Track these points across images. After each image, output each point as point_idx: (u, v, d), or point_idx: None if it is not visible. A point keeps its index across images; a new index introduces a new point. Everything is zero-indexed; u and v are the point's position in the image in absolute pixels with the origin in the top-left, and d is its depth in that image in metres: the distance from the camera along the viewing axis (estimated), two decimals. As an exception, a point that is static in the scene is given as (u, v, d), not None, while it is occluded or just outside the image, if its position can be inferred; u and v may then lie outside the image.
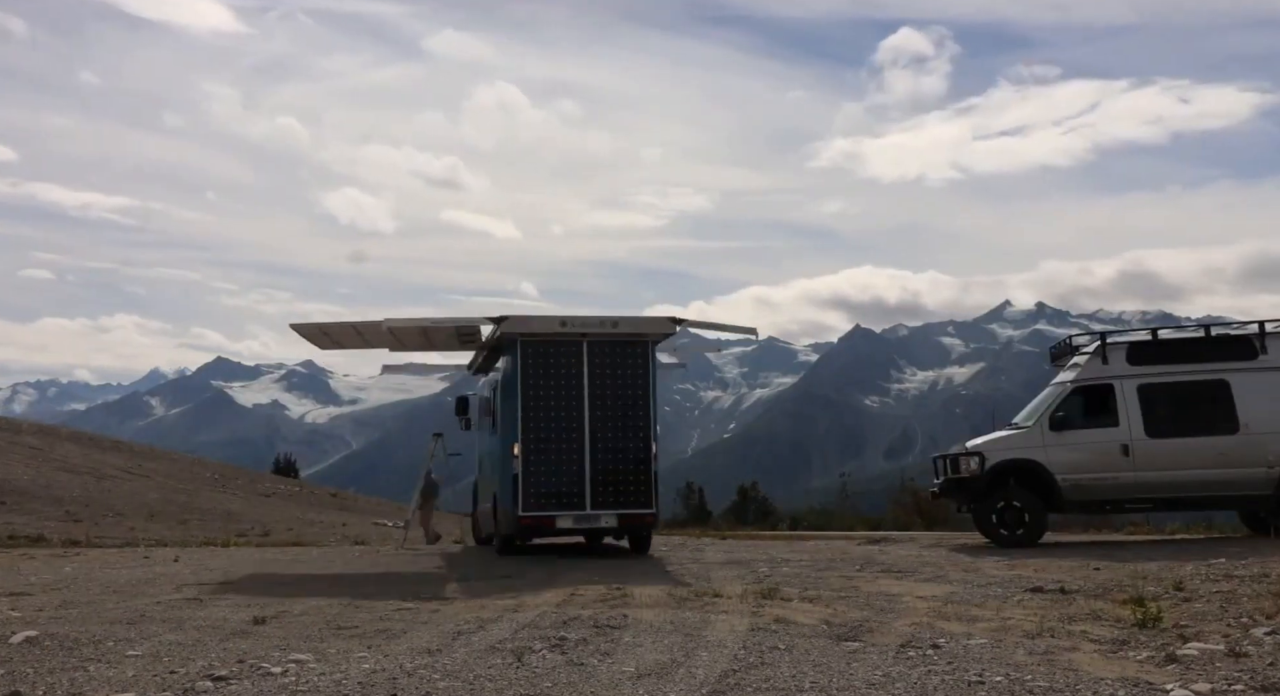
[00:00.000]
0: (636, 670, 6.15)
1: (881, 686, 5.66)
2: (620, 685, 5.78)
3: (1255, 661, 6.07)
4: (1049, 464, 14.50)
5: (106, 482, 27.58)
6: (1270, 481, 14.18)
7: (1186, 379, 14.62)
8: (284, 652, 6.76)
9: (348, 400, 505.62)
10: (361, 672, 6.11)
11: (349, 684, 5.80)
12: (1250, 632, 6.97)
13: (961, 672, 5.95)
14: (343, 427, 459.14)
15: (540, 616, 8.36)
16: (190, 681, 5.91)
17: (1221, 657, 6.21)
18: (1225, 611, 7.94)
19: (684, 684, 5.78)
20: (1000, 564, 12.03)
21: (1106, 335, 15.51)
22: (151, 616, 8.65)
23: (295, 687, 5.74)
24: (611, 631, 7.56)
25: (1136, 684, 5.60)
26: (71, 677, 6.06)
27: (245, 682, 5.88)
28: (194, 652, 6.86)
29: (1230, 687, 5.50)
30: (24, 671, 6.25)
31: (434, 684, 5.81)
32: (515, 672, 6.11)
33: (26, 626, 7.86)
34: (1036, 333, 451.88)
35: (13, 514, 21.37)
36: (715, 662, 6.35)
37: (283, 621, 8.34)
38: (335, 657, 6.64)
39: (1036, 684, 5.61)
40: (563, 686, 5.75)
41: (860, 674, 5.98)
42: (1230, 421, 14.31)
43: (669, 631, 7.55)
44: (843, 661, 6.39)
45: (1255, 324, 14.86)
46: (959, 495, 15.17)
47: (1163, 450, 14.40)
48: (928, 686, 5.63)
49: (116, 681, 5.98)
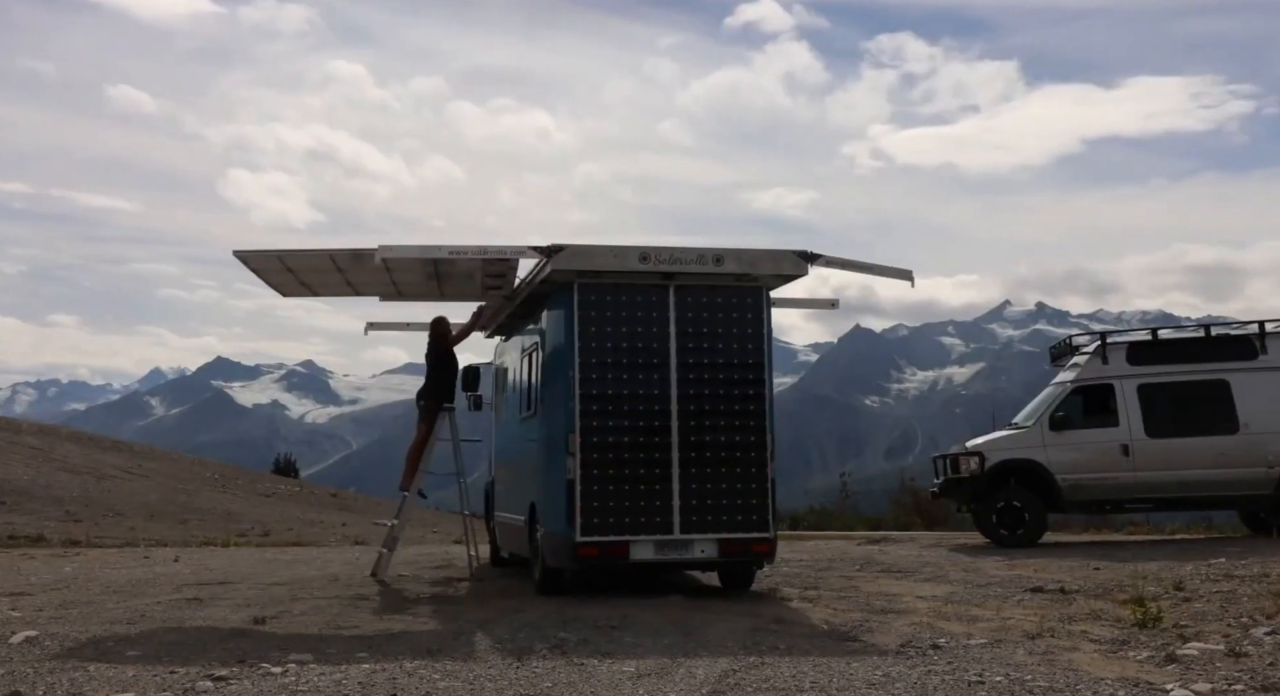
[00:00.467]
0: (636, 670, 6.15)
1: (881, 686, 5.66)
2: (620, 685, 5.78)
3: (1255, 661, 6.07)
4: (1049, 464, 14.51)
5: (106, 482, 27.55)
6: (1270, 481, 14.18)
7: (1186, 379, 14.63)
8: (284, 652, 6.76)
9: (348, 400, 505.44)
10: (361, 672, 6.11)
11: (349, 684, 5.80)
12: (1250, 632, 6.97)
13: (961, 672, 5.95)
14: (343, 427, 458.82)
15: (540, 616, 8.36)
16: (190, 681, 5.91)
17: (1221, 657, 6.21)
18: (1225, 611, 7.94)
19: (684, 684, 5.78)
20: (1000, 564, 12.03)
21: (1107, 335, 15.53)
22: (151, 616, 8.65)
23: (295, 687, 5.74)
24: (611, 631, 7.56)
25: (1136, 684, 5.60)
26: (71, 677, 6.06)
27: (245, 682, 5.88)
28: (194, 652, 6.86)
29: (1230, 687, 5.50)
30: (24, 671, 6.25)
31: (434, 684, 5.81)
32: (515, 672, 6.11)
33: (26, 626, 7.86)
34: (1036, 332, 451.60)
35: (13, 514, 21.35)
36: (715, 662, 6.35)
37: (283, 621, 8.34)
38: (335, 657, 6.64)
39: (1036, 684, 5.61)
40: (563, 686, 5.75)
41: (860, 674, 5.98)
42: (1230, 421, 14.32)
43: (669, 631, 7.56)
44: (843, 661, 6.39)
45: (1255, 324, 14.87)
46: (959, 495, 15.17)
47: (1163, 450, 14.41)
48: (928, 686, 5.63)
49: (116, 681, 5.98)
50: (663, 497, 9.58)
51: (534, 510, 10.37)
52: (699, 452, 9.69)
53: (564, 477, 9.50)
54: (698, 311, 9.85)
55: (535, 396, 10.72)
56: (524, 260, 10.24)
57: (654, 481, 9.60)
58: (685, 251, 9.72)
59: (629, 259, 9.63)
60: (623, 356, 9.70)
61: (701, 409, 9.76)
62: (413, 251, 10.06)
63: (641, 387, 9.71)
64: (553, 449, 9.82)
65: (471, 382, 14.05)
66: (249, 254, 10.72)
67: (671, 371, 9.75)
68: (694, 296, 9.84)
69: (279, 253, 10.91)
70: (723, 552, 9.68)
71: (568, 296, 9.72)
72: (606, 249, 9.64)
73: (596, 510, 9.47)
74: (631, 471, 9.60)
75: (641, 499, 9.58)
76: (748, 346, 9.95)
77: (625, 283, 9.75)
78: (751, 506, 9.72)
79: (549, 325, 10.28)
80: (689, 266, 9.71)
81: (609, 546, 9.48)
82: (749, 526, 9.70)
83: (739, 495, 9.71)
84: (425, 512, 33.19)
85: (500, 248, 9.96)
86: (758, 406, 9.89)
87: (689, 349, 9.81)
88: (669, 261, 9.69)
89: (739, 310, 9.94)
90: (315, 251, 10.93)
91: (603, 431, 9.59)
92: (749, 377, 9.92)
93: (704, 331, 9.84)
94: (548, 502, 9.82)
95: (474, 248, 9.87)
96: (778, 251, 9.92)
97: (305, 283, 11.92)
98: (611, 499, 9.52)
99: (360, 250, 10.21)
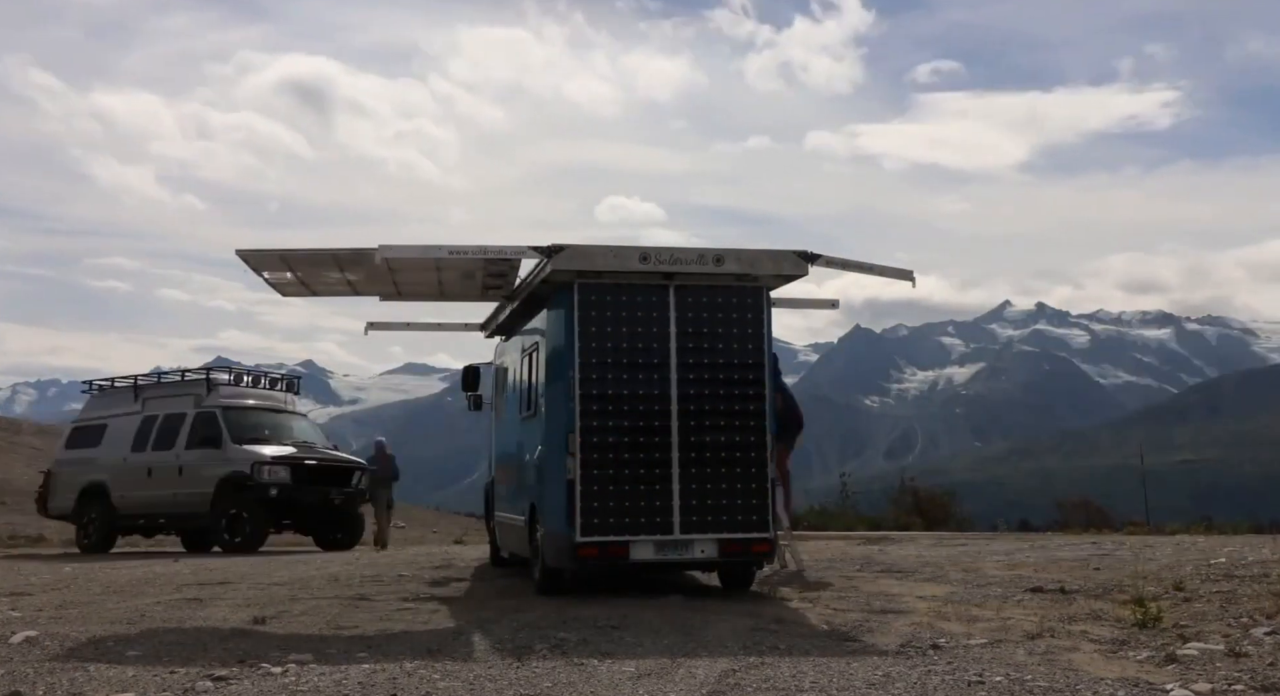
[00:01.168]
0: (636, 670, 6.15)
1: (881, 686, 5.66)
2: (620, 685, 5.78)
3: (1255, 661, 6.07)
4: None
5: (106, 483, 27.54)
6: None
7: None
8: (284, 652, 6.76)
9: (348, 400, 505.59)
10: (361, 672, 6.11)
11: (349, 684, 5.80)
12: (1250, 632, 6.97)
13: (961, 672, 5.95)
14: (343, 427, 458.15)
15: (540, 616, 8.36)
16: (190, 681, 5.91)
17: (1221, 657, 6.21)
18: (1225, 611, 7.94)
19: (684, 684, 5.78)
20: (1000, 564, 12.03)
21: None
22: (151, 616, 8.65)
23: (295, 687, 5.74)
24: (611, 631, 7.56)
25: (1136, 684, 5.60)
26: (71, 677, 6.07)
27: (245, 682, 5.88)
28: (194, 652, 6.86)
29: (1230, 687, 5.50)
30: (24, 671, 6.25)
31: (434, 684, 5.81)
32: (515, 672, 6.11)
33: (26, 626, 7.86)
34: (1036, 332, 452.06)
35: (13, 514, 21.38)
36: (715, 662, 6.35)
37: (283, 621, 8.34)
38: (335, 657, 6.64)
39: (1036, 684, 5.61)
40: (563, 686, 5.75)
41: (860, 674, 5.98)
42: None
43: (669, 631, 7.55)
44: (843, 661, 6.39)
45: None
46: None
47: None
48: (928, 686, 5.63)
49: (116, 681, 5.98)
50: (663, 498, 9.58)
51: (534, 510, 10.37)
52: (699, 453, 9.69)
53: (564, 477, 9.52)
54: (698, 311, 9.84)
55: (535, 396, 10.70)
56: (525, 260, 10.23)
57: (654, 481, 9.60)
58: (685, 251, 9.76)
59: (629, 259, 9.65)
60: (623, 356, 9.69)
61: (702, 409, 9.75)
62: (413, 251, 10.01)
63: (642, 388, 9.70)
64: (553, 449, 9.80)
65: (471, 382, 14.23)
66: (250, 252, 10.68)
67: (672, 371, 9.74)
68: (694, 296, 9.84)
69: (280, 252, 10.82)
70: (723, 553, 9.68)
71: (568, 296, 9.71)
72: (607, 249, 9.67)
73: (596, 510, 9.46)
74: (631, 471, 9.59)
75: (641, 499, 9.57)
76: (748, 346, 9.93)
77: (625, 283, 9.74)
78: (751, 506, 9.72)
79: (549, 325, 10.28)
80: (689, 266, 9.72)
81: (609, 546, 9.48)
82: (749, 526, 9.69)
83: (739, 495, 9.70)
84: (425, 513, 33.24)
85: (501, 247, 9.94)
86: (758, 406, 9.88)
87: (689, 349, 9.80)
88: (669, 261, 9.71)
89: (739, 310, 9.94)
90: (316, 251, 10.84)
91: (603, 431, 9.59)
92: (749, 378, 9.91)
93: (704, 331, 9.84)
94: (548, 502, 9.79)
95: (474, 247, 9.86)
96: (778, 251, 9.93)
97: (305, 282, 11.89)
98: (611, 499, 9.52)
99: (361, 249, 10.15)
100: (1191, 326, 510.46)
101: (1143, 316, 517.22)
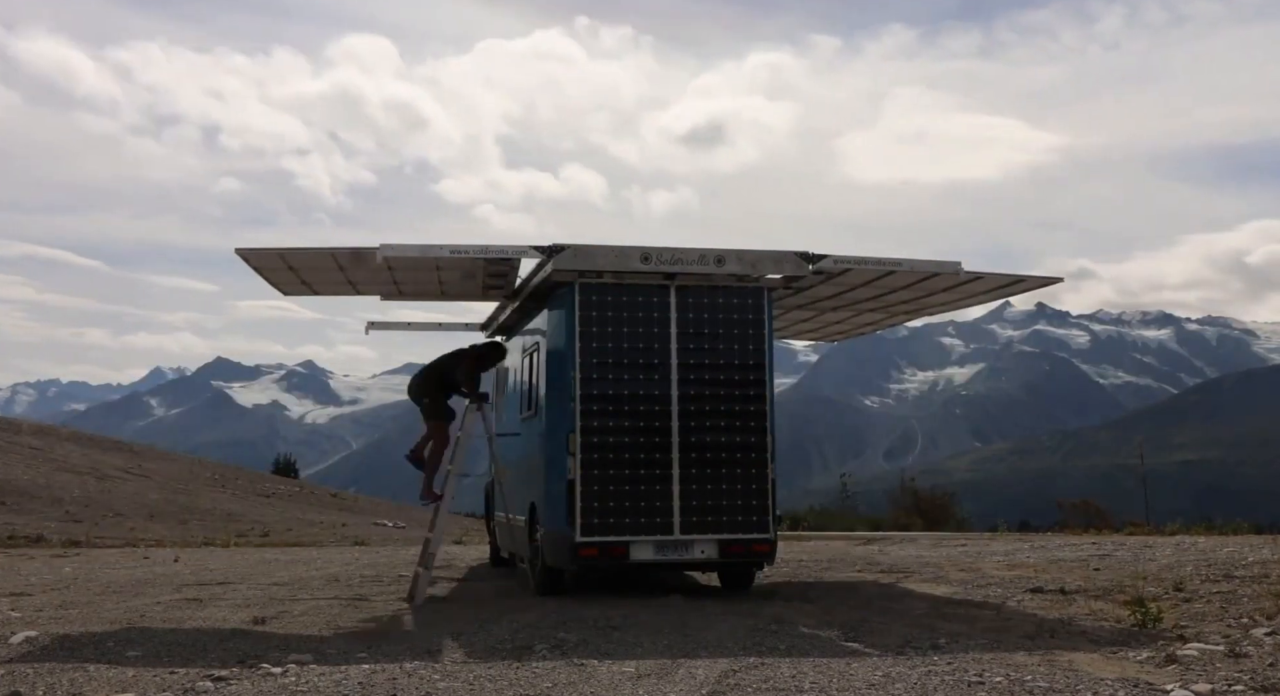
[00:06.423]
0: (636, 670, 6.15)
1: (881, 686, 5.66)
2: (620, 685, 5.78)
3: (1255, 661, 6.07)
4: None
5: (106, 483, 27.55)
6: None
7: None
8: (284, 653, 6.76)
9: (348, 400, 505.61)
10: (361, 672, 6.11)
11: (349, 684, 5.80)
12: (1250, 632, 6.98)
13: (961, 672, 5.95)
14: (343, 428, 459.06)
15: (540, 617, 8.36)
16: (190, 681, 5.91)
17: (1221, 658, 6.22)
18: (1225, 611, 7.95)
19: (684, 684, 5.78)
20: (1000, 564, 12.03)
21: None
22: (151, 616, 8.66)
23: (295, 687, 5.74)
24: (611, 631, 7.56)
25: (1136, 684, 5.60)
26: (71, 677, 6.07)
27: (245, 682, 5.88)
28: (194, 653, 6.86)
29: (1230, 688, 5.50)
30: (24, 671, 6.25)
31: (434, 684, 5.81)
32: (515, 672, 6.11)
33: (26, 626, 7.86)
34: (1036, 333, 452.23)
35: (13, 514, 21.35)
36: (715, 662, 6.35)
37: (283, 621, 8.35)
38: (335, 657, 6.64)
39: (1036, 684, 5.61)
40: (563, 686, 5.75)
41: (860, 674, 5.98)
42: None
43: (669, 631, 7.55)
44: (843, 661, 6.39)
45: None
46: None
47: None
48: (928, 686, 5.63)
49: (116, 681, 5.98)
50: (663, 498, 9.57)
51: (534, 510, 10.34)
52: (699, 453, 9.69)
53: (564, 477, 9.51)
54: (699, 312, 9.84)
55: (536, 396, 10.69)
56: (525, 260, 10.20)
57: (654, 482, 9.59)
58: (687, 252, 9.73)
59: (630, 259, 9.65)
60: (624, 356, 9.67)
61: (702, 409, 9.75)
62: (414, 251, 9.92)
63: (642, 388, 9.69)
64: (553, 449, 9.80)
65: None
66: (250, 251, 10.55)
67: (672, 372, 9.74)
68: (695, 297, 9.84)
69: (281, 251, 10.72)
70: (723, 553, 9.67)
71: (569, 296, 9.69)
72: (608, 249, 9.65)
73: (597, 510, 9.45)
74: (632, 472, 9.58)
75: (642, 499, 9.56)
76: (749, 347, 9.92)
77: (626, 283, 9.75)
78: (752, 507, 9.72)
79: (550, 325, 10.26)
80: (690, 267, 9.74)
81: (609, 546, 9.47)
82: (749, 527, 9.70)
83: (739, 496, 9.71)
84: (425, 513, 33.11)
85: (502, 247, 9.91)
86: (758, 407, 9.87)
87: (690, 349, 9.80)
88: (670, 262, 9.71)
89: (740, 311, 9.92)
90: (317, 250, 10.77)
91: (603, 431, 9.57)
92: (750, 378, 9.90)
93: (705, 332, 9.82)
94: (548, 502, 9.78)
95: (475, 247, 9.82)
96: (779, 252, 9.95)
97: (306, 281, 11.84)
98: (612, 499, 9.51)
99: (362, 249, 10.09)
100: (1191, 327, 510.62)
101: (1143, 316, 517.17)
